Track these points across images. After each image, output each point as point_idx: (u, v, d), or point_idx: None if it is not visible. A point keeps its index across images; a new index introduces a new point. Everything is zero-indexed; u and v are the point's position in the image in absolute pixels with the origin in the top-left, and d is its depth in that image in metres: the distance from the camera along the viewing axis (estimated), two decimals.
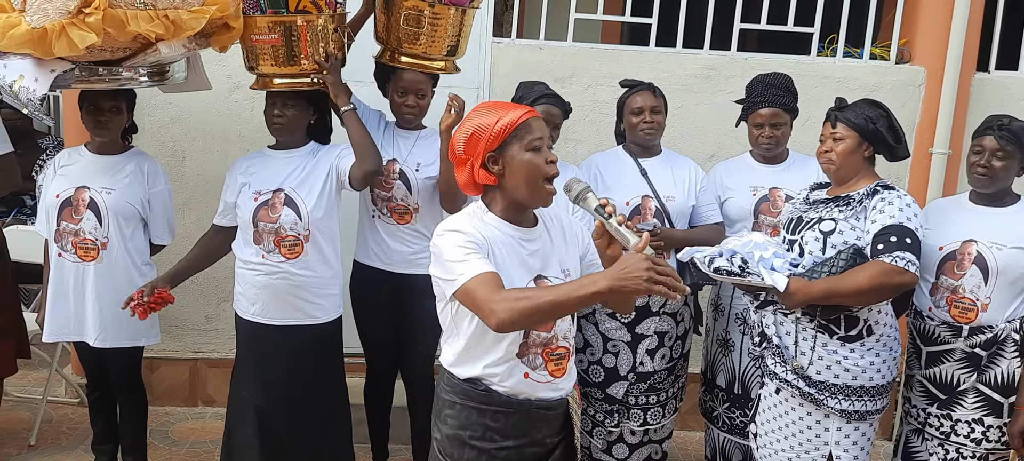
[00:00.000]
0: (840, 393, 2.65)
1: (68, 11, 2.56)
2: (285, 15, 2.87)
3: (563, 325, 2.12)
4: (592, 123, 4.09)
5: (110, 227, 3.13)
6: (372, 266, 3.31)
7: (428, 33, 3.08)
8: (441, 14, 3.06)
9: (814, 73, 4.10)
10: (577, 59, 4.07)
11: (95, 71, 2.82)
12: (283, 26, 2.87)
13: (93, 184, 3.13)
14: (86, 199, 3.12)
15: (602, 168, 3.32)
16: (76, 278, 3.16)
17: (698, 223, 3.31)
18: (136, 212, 3.18)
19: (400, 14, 3.06)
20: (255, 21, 2.89)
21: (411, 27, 3.06)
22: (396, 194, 3.24)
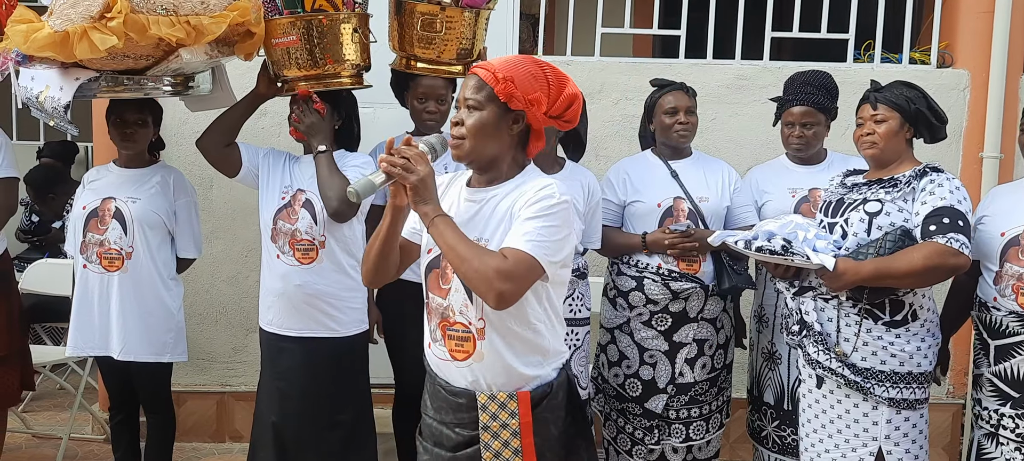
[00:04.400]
0: (887, 380, 2.53)
1: (90, 16, 2.60)
2: (302, 14, 2.85)
3: (457, 298, 1.98)
4: (623, 138, 3.99)
5: (135, 236, 3.11)
6: (402, 277, 3.19)
7: (442, 37, 3.03)
8: (454, 17, 3.01)
9: (852, 80, 3.95)
10: (605, 74, 3.99)
11: (119, 80, 2.83)
12: (301, 26, 2.84)
13: (119, 194, 3.14)
14: (112, 209, 3.12)
15: (630, 172, 3.21)
16: (101, 289, 3.13)
17: (734, 225, 3.17)
18: (161, 222, 3.16)
19: (413, 19, 3.02)
20: (274, 24, 2.87)
21: (425, 32, 3.01)
22: None
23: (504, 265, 1.83)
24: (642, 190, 3.14)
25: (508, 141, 1.98)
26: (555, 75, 1.98)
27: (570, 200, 1.92)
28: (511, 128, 1.96)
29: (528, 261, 1.84)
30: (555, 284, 1.99)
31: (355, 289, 3.04)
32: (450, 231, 1.88)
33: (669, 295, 3.06)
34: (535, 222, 1.87)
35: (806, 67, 3.94)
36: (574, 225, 1.97)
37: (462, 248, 1.86)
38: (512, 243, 1.87)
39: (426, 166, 1.89)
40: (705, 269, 3.07)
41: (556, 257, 1.89)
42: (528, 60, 1.99)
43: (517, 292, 1.86)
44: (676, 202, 3.10)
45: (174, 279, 3.25)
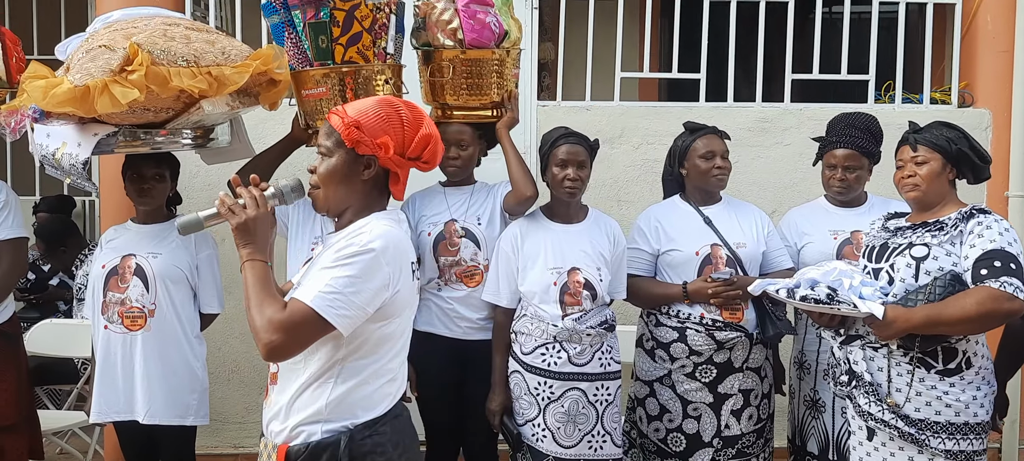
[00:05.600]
0: (943, 431, 2.44)
1: (111, 69, 2.55)
2: (334, 66, 2.79)
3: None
4: (645, 183, 3.94)
5: (157, 292, 3.01)
6: (436, 334, 3.11)
7: (470, 83, 3.00)
8: (482, 62, 2.98)
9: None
10: (625, 118, 3.95)
11: (137, 135, 2.77)
12: (334, 78, 2.79)
13: (139, 250, 3.04)
14: (132, 266, 3.02)
15: (662, 220, 3.13)
16: (124, 350, 3.01)
17: (769, 270, 3.10)
18: (184, 276, 3.07)
19: (441, 68, 2.99)
20: (306, 75, 2.82)
21: (452, 79, 2.98)
22: (464, 254, 3.09)
23: (278, 316, 1.77)
24: (677, 238, 3.06)
25: (361, 186, 1.93)
26: (412, 116, 1.94)
27: (381, 249, 1.82)
28: (362, 173, 1.91)
29: (307, 315, 1.77)
30: (371, 342, 1.89)
31: None
32: (251, 277, 1.84)
33: (714, 345, 2.97)
34: (330, 272, 1.81)
35: (828, 107, 3.97)
36: (383, 275, 1.83)
37: (252, 294, 1.82)
38: (299, 293, 1.81)
39: (257, 210, 1.86)
40: (748, 317, 2.99)
41: (349, 311, 1.79)
42: (384, 102, 1.95)
43: (290, 345, 1.79)
44: (713, 249, 3.02)
45: (198, 337, 3.15)
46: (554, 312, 2.89)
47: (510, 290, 2.98)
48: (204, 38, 2.77)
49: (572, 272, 2.92)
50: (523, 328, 2.94)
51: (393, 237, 1.87)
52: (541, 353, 2.91)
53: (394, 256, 1.86)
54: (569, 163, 2.93)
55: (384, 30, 2.89)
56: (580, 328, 2.89)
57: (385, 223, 1.90)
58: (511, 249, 2.97)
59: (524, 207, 3.03)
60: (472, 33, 2.93)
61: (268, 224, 1.89)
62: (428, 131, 1.95)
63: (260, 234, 1.87)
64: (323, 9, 2.81)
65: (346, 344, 1.86)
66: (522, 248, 2.96)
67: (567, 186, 2.93)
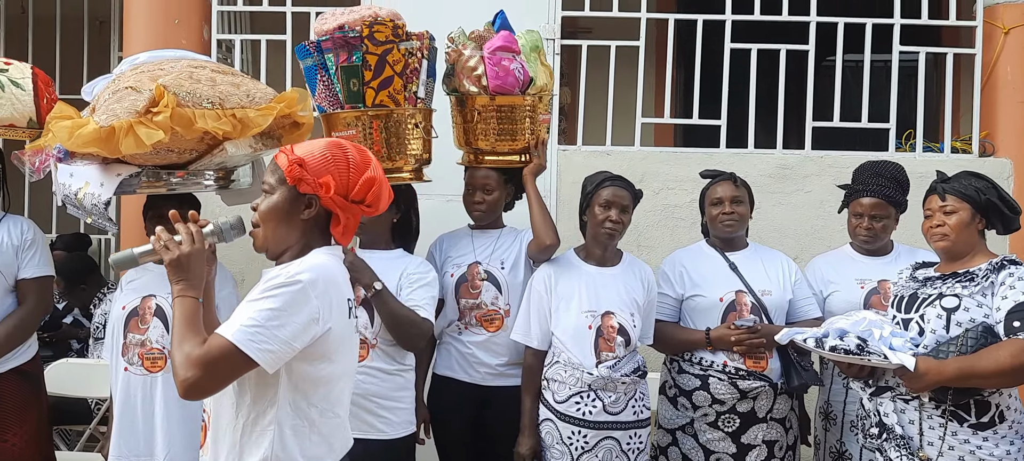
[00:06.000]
0: None
1: (136, 110, 2.55)
2: (364, 110, 2.80)
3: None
4: (665, 228, 3.92)
5: None
6: (454, 378, 3.08)
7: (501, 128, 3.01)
8: (515, 108, 2.99)
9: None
10: (646, 163, 3.94)
11: (160, 176, 2.76)
12: (365, 120, 2.81)
13: (160, 291, 3.01)
14: (153, 306, 2.99)
15: (687, 265, 3.12)
16: (144, 392, 2.96)
17: (796, 318, 3.06)
18: None
19: (474, 113, 3.01)
20: (336, 118, 2.83)
21: (484, 124, 3.00)
22: (485, 298, 3.07)
23: (196, 352, 1.74)
24: (701, 284, 3.04)
25: (301, 226, 1.90)
26: (359, 159, 1.93)
27: (309, 281, 1.78)
28: (303, 212, 1.89)
29: (226, 350, 1.72)
30: (310, 384, 1.84)
31: (405, 388, 2.91)
32: (179, 313, 1.82)
33: (737, 394, 2.93)
34: (254, 305, 1.77)
35: (849, 155, 3.96)
36: (311, 308, 1.78)
37: (175, 330, 1.80)
38: (221, 328, 1.77)
39: (192, 246, 1.86)
40: (772, 366, 2.95)
41: (272, 345, 1.73)
42: (333, 144, 1.94)
43: (207, 383, 1.75)
44: (738, 296, 2.99)
45: None
46: (588, 360, 2.85)
47: (541, 331, 2.94)
48: (229, 80, 2.78)
49: (606, 316, 2.89)
50: (556, 375, 2.90)
51: (326, 270, 1.83)
52: (575, 402, 2.87)
53: (324, 289, 1.81)
54: (613, 205, 2.92)
55: (415, 74, 2.90)
56: (615, 376, 2.85)
57: (321, 256, 1.87)
58: (544, 289, 2.94)
59: (545, 255, 3.01)
60: (496, 80, 2.94)
61: (203, 261, 1.88)
62: (373, 175, 1.93)
63: (194, 271, 1.86)
64: (356, 53, 2.83)
65: (285, 388, 1.81)
66: (556, 288, 2.93)
67: (607, 228, 2.91)
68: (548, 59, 3.29)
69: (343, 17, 2.90)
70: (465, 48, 2.99)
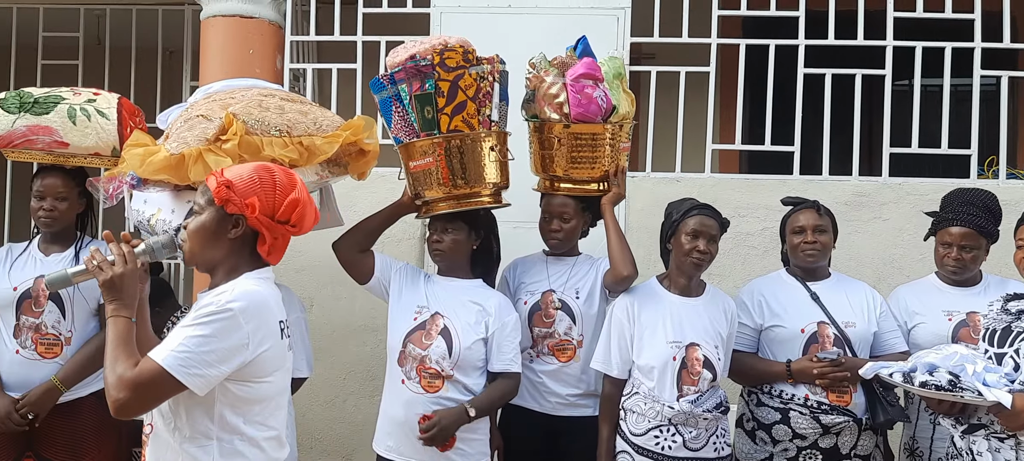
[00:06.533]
0: None
1: (206, 138, 2.60)
2: (438, 136, 2.81)
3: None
4: (737, 256, 3.84)
5: None
6: (525, 407, 3.04)
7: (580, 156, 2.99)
8: (596, 136, 2.96)
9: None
10: (717, 190, 3.88)
11: None
12: (441, 147, 2.82)
13: None
14: None
15: (766, 294, 3.04)
16: None
17: (881, 352, 2.96)
18: None
19: (553, 140, 2.99)
20: (413, 147, 2.86)
21: (562, 151, 2.98)
22: (558, 327, 3.02)
23: (128, 374, 1.82)
24: (781, 314, 2.96)
25: (228, 245, 1.99)
26: (286, 181, 2.01)
27: (240, 310, 1.86)
28: (230, 231, 1.98)
29: (157, 374, 1.81)
30: (244, 403, 1.92)
31: (479, 423, 2.88)
32: (112, 332, 1.89)
33: (819, 429, 2.83)
34: (185, 331, 1.85)
35: (928, 182, 3.84)
36: (241, 335, 1.86)
37: (109, 350, 1.87)
38: (153, 352, 1.85)
39: (125, 267, 1.92)
40: (856, 400, 2.85)
41: (201, 370, 1.82)
42: (261, 167, 2.04)
43: (136, 404, 1.84)
44: (820, 327, 2.91)
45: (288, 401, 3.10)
46: (670, 392, 2.79)
47: (622, 359, 2.88)
48: (297, 108, 2.81)
49: (691, 348, 2.82)
50: (635, 407, 2.84)
51: (256, 297, 1.91)
52: (654, 436, 2.79)
53: (255, 315, 1.89)
54: (700, 235, 2.86)
55: (488, 98, 2.89)
56: (697, 411, 2.78)
57: (252, 283, 1.95)
58: (626, 317, 2.88)
59: (621, 286, 2.95)
60: (578, 107, 2.92)
61: (135, 280, 1.94)
62: (298, 196, 2.01)
63: (127, 290, 1.92)
64: (428, 81, 2.84)
65: (219, 407, 1.89)
66: (639, 318, 2.86)
67: (695, 258, 2.85)
68: None
69: (414, 48, 2.92)
70: (547, 74, 2.97)
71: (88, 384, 3.05)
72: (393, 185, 3.21)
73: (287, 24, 4.16)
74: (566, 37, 3.11)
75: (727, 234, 3.81)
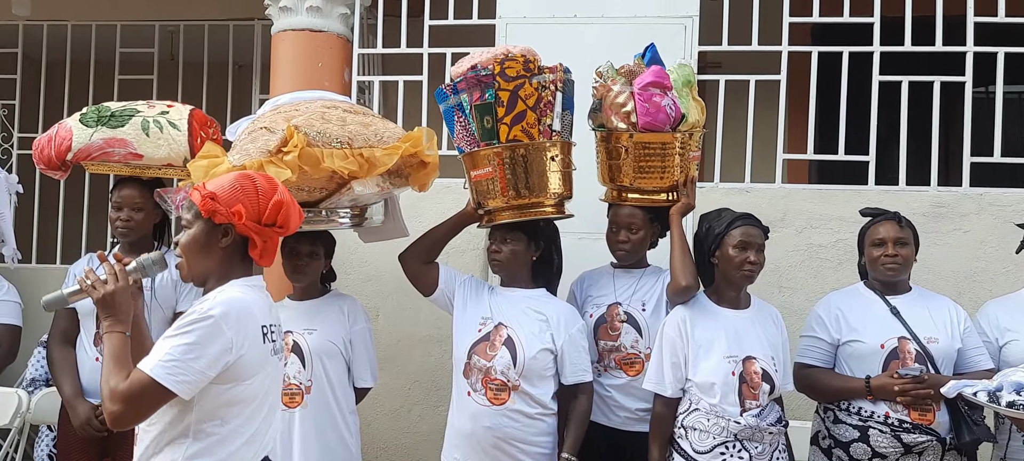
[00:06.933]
0: None
1: (268, 150, 2.63)
2: (498, 146, 2.81)
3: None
4: (809, 269, 3.74)
5: (314, 369, 3.01)
6: (593, 421, 2.99)
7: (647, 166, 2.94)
8: (665, 145, 2.91)
9: None
10: (788, 201, 3.78)
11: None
12: (504, 156, 2.81)
13: (296, 327, 3.06)
14: (290, 342, 3.03)
15: (843, 308, 2.94)
16: (283, 427, 2.99)
17: (965, 369, 2.85)
18: (338, 351, 3.06)
19: (620, 149, 2.95)
20: (476, 156, 2.85)
21: (636, 161, 2.94)
22: (624, 340, 2.98)
23: (121, 386, 1.89)
24: (860, 329, 2.86)
25: (220, 254, 2.06)
26: (267, 185, 2.09)
27: (221, 315, 1.93)
28: (220, 241, 2.05)
29: (147, 384, 1.88)
30: (221, 404, 1.97)
31: (547, 433, 2.85)
32: (108, 348, 1.97)
33: (900, 448, 2.73)
34: (171, 341, 1.92)
35: (1012, 193, 3.69)
36: (224, 340, 1.93)
37: (104, 364, 1.95)
38: (141, 364, 1.91)
39: (117, 284, 2.00)
40: (940, 419, 2.73)
41: (188, 376, 1.89)
42: (240, 175, 2.12)
43: (132, 414, 1.91)
44: (901, 343, 2.80)
45: (352, 412, 3.12)
46: (733, 408, 2.72)
47: (675, 378, 2.81)
48: (359, 120, 2.82)
49: (748, 362, 2.75)
50: (696, 424, 2.75)
51: (238, 302, 1.98)
52: (720, 453, 2.71)
53: (237, 321, 1.95)
54: (749, 246, 2.79)
55: (549, 107, 2.87)
56: (762, 425, 2.70)
57: (236, 289, 2.02)
58: (677, 335, 2.82)
59: (681, 297, 2.88)
60: (646, 116, 2.87)
61: (128, 297, 2.03)
62: (281, 198, 2.09)
63: (120, 307, 2.01)
64: (488, 91, 2.83)
65: (196, 406, 1.95)
66: (692, 335, 2.79)
67: (747, 270, 2.78)
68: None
69: (476, 58, 2.92)
70: (614, 83, 2.93)
71: None
72: (458, 196, 3.21)
73: (355, 37, 4.20)
74: (633, 46, 3.08)
75: (797, 245, 3.76)
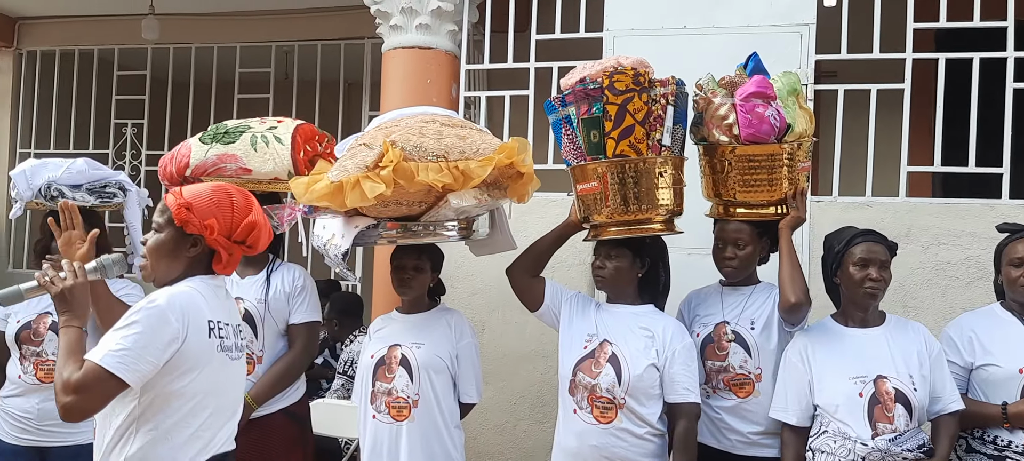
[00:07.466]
0: None
1: (366, 166, 2.66)
2: (606, 160, 2.76)
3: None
4: (937, 287, 3.52)
5: (421, 383, 3.02)
6: (704, 444, 2.91)
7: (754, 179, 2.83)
8: (771, 155, 2.80)
9: None
10: (913, 216, 3.58)
11: (408, 228, 2.85)
12: (614, 170, 2.75)
13: (404, 341, 3.09)
14: (398, 356, 3.06)
15: (978, 330, 2.76)
16: (390, 441, 3.04)
17: None
18: (445, 366, 3.07)
19: (724, 163, 2.86)
20: (584, 170, 2.82)
21: (741, 174, 2.84)
22: (732, 360, 2.88)
23: (73, 377, 1.92)
24: (995, 353, 2.68)
25: (186, 262, 2.13)
26: (243, 203, 2.16)
27: (166, 304, 1.99)
28: (188, 250, 2.12)
29: (98, 373, 1.91)
30: (163, 397, 2.01)
31: (656, 455, 2.78)
32: (63, 341, 2.00)
33: None
34: (120, 332, 1.96)
35: None
36: (171, 329, 1.98)
37: (59, 357, 1.97)
38: (91, 354, 1.95)
39: (75, 280, 2.05)
40: None
41: (138, 365, 1.93)
42: (218, 188, 2.17)
43: (86, 405, 1.93)
44: None
45: (458, 427, 3.12)
46: (862, 430, 2.57)
47: (800, 407, 2.70)
48: (456, 133, 2.82)
49: (880, 381, 2.60)
50: (824, 446, 2.63)
51: (183, 295, 2.05)
52: None
53: (182, 311, 2.02)
54: (870, 263, 2.65)
55: (660, 121, 2.80)
56: (895, 450, 2.54)
57: (184, 285, 2.09)
58: (799, 360, 2.71)
59: (793, 315, 2.77)
60: (749, 128, 2.77)
61: (86, 293, 2.08)
62: (255, 219, 2.17)
63: (77, 302, 2.05)
64: (596, 104, 2.78)
65: (140, 400, 2.00)
66: (814, 358, 2.68)
67: (869, 288, 2.65)
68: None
69: (586, 70, 2.89)
70: (715, 95, 2.85)
71: (276, 401, 3.18)
72: (564, 209, 3.18)
73: (462, 53, 4.25)
74: (746, 57, 2.99)
75: (923, 263, 3.55)
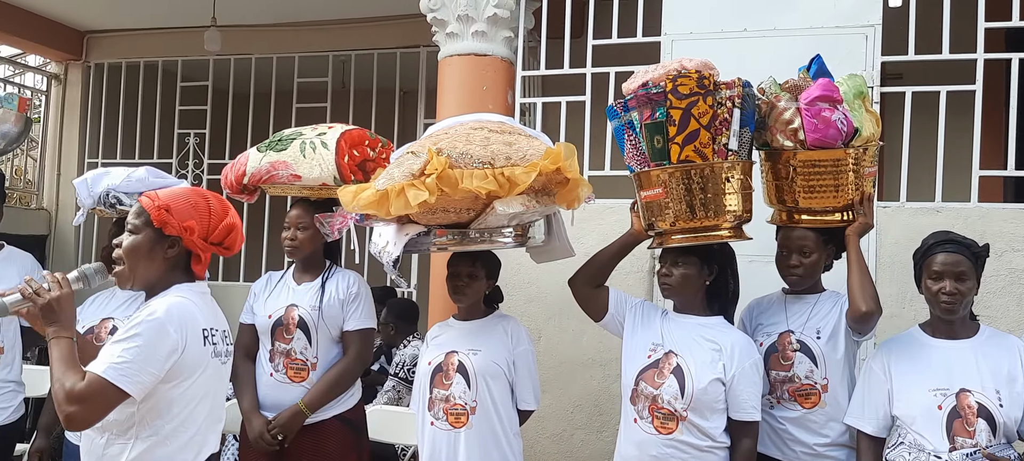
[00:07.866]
0: None
1: (412, 173, 2.65)
2: (670, 166, 2.70)
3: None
4: (1011, 295, 3.39)
5: (478, 389, 3.01)
6: (768, 455, 2.83)
7: (819, 184, 2.75)
8: (836, 160, 2.71)
9: None
10: (985, 222, 3.45)
11: (463, 235, 2.82)
12: (679, 176, 2.70)
13: (461, 347, 3.08)
14: (455, 363, 3.05)
15: None
16: (448, 448, 3.03)
17: None
18: (502, 372, 3.06)
19: (787, 168, 2.78)
20: (648, 176, 2.77)
21: (806, 180, 2.75)
22: (798, 370, 2.81)
23: (76, 388, 1.94)
24: None
25: (163, 264, 2.15)
26: (219, 207, 2.20)
27: (165, 316, 2.01)
28: (166, 252, 2.14)
29: (102, 385, 1.94)
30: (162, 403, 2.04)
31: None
32: (56, 353, 2.01)
33: None
34: (120, 344, 1.98)
35: None
36: (171, 340, 2.01)
37: (55, 368, 1.98)
38: (92, 365, 1.97)
39: (60, 291, 2.06)
40: None
41: (141, 376, 1.96)
42: (194, 191, 2.21)
43: (88, 415, 1.96)
44: None
45: (516, 434, 3.10)
46: (939, 443, 2.48)
47: (877, 416, 2.62)
48: (503, 140, 2.79)
49: (962, 395, 2.50)
50: (899, 457, 2.54)
51: (179, 306, 2.07)
52: None
53: (180, 322, 2.04)
54: (945, 275, 2.55)
55: (725, 125, 2.74)
56: None
57: (175, 296, 2.11)
58: (881, 370, 2.63)
59: (863, 325, 2.69)
60: (815, 133, 2.69)
61: (72, 304, 2.09)
62: (232, 221, 2.21)
63: (64, 313, 2.06)
64: (659, 109, 2.73)
65: (139, 406, 2.01)
66: (895, 369, 2.60)
67: (943, 301, 2.55)
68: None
69: (649, 74, 2.83)
70: (778, 99, 2.78)
71: (331, 407, 3.20)
72: (621, 217, 3.15)
73: (518, 60, 4.23)
74: (809, 59, 2.91)
75: (997, 270, 3.42)
